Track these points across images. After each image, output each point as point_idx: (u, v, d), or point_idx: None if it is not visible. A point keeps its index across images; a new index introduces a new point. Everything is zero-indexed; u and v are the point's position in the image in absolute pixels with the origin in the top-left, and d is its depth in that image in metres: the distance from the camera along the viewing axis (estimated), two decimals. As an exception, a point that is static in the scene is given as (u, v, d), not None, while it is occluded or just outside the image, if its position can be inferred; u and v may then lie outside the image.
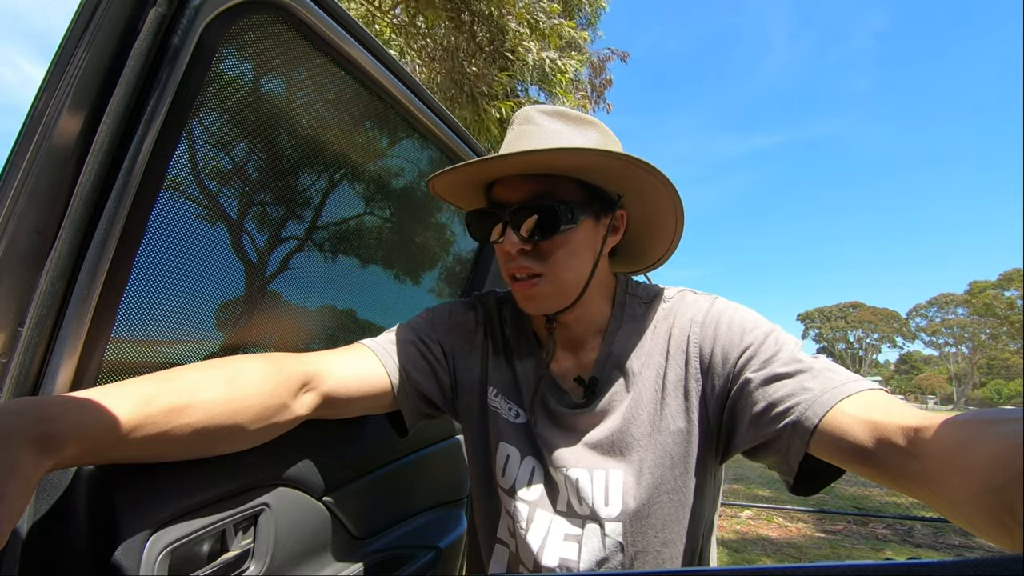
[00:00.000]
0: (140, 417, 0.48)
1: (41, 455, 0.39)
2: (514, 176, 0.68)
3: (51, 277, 0.51)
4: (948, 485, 0.42)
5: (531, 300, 0.70)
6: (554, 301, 0.71)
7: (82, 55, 0.50)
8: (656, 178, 0.67)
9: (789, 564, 0.38)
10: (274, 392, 0.61)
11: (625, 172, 0.66)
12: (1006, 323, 50.17)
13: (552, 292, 0.69)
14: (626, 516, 0.69)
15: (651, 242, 0.81)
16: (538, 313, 0.73)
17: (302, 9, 0.68)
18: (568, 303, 0.71)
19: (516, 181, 0.68)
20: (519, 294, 0.71)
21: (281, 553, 0.68)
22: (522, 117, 0.73)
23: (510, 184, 0.69)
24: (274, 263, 0.84)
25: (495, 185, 0.72)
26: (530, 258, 0.68)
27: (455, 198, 0.79)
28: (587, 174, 0.67)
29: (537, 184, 0.67)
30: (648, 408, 0.71)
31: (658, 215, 0.75)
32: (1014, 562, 0.22)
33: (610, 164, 0.64)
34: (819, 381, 0.59)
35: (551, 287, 0.69)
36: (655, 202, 0.73)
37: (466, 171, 0.67)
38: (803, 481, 0.61)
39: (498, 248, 0.72)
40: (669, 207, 0.73)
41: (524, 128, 0.71)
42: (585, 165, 0.65)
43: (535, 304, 0.71)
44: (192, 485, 0.59)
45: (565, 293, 0.70)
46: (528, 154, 0.61)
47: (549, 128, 0.71)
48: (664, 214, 0.74)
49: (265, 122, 0.75)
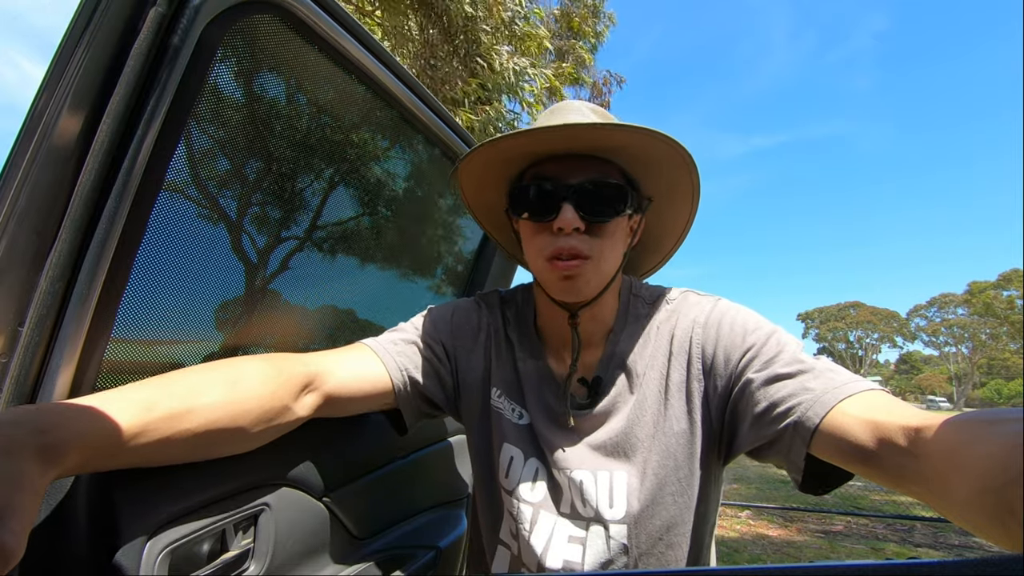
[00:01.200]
0: (141, 424, 0.48)
1: (45, 465, 0.39)
2: (568, 156, 0.67)
3: (51, 277, 0.51)
4: (948, 485, 0.42)
5: (572, 283, 0.68)
6: (590, 287, 0.70)
7: (82, 55, 0.50)
8: (692, 182, 0.70)
9: (789, 564, 0.37)
10: (275, 394, 0.61)
11: (675, 170, 0.68)
12: (1006, 323, 50.19)
13: (592, 277, 0.69)
14: (631, 518, 0.68)
15: (647, 256, 0.85)
16: (575, 299, 0.70)
17: (302, 9, 0.68)
18: (598, 293, 0.71)
19: (571, 160, 0.67)
20: (558, 274, 0.68)
21: (281, 553, 0.68)
22: (564, 106, 0.74)
23: (564, 162, 0.68)
24: (274, 263, 0.84)
25: (538, 164, 0.70)
26: (581, 239, 0.67)
27: (477, 186, 0.78)
28: (640, 165, 0.69)
29: (595, 166, 0.67)
30: (652, 409, 0.71)
31: (665, 232, 0.79)
32: (1014, 562, 0.22)
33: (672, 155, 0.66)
34: (820, 381, 0.59)
35: (593, 272, 0.68)
36: (670, 212, 0.76)
37: (525, 139, 0.65)
38: (812, 480, 0.60)
39: (537, 228, 0.69)
40: (683, 219, 0.76)
41: (568, 114, 0.71)
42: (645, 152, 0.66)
43: (575, 288, 0.68)
44: (192, 485, 0.59)
45: (601, 281, 0.70)
46: (613, 127, 0.60)
47: (593, 119, 0.70)
48: (672, 230, 0.78)
49: (265, 122, 0.75)
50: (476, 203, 0.83)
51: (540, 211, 0.68)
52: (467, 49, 5.86)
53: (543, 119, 0.73)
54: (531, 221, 0.69)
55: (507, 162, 0.72)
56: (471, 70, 5.98)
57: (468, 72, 5.98)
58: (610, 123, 0.61)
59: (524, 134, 0.64)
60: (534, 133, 0.63)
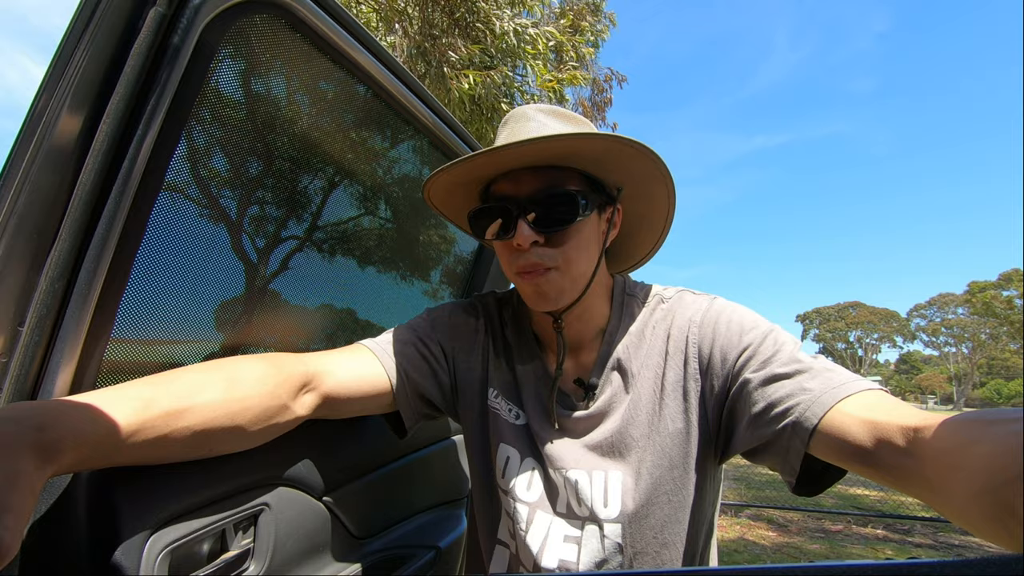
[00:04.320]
0: (139, 421, 0.48)
1: (42, 463, 0.39)
2: (520, 169, 0.68)
3: (51, 277, 0.51)
4: (948, 485, 0.42)
5: (543, 294, 0.69)
6: (565, 295, 0.70)
7: (82, 55, 0.50)
8: (659, 169, 0.69)
9: (789, 564, 0.37)
10: (274, 393, 0.61)
11: (633, 161, 0.67)
12: (1006, 323, 50.17)
13: (564, 285, 0.69)
14: (625, 517, 0.68)
15: (639, 240, 0.83)
16: (548, 309, 0.71)
17: (302, 9, 0.68)
18: (575, 298, 0.71)
19: (523, 174, 0.67)
20: (529, 287, 0.69)
21: (281, 553, 0.68)
22: (518, 115, 0.73)
23: (516, 178, 0.68)
24: (274, 263, 0.84)
25: (495, 182, 0.71)
26: (542, 252, 0.67)
27: (449, 204, 0.79)
28: (594, 164, 0.68)
29: (546, 176, 0.67)
30: (647, 409, 0.71)
31: (652, 210, 0.77)
32: (1014, 562, 0.22)
33: (622, 150, 0.65)
34: (818, 381, 0.59)
35: (563, 280, 0.68)
36: (649, 198, 0.74)
37: (469, 165, 0.66)
38: (805, 482, 0.60)
39: (502, 246, 0.71)
40: (663, 199, 0.74)
41: (521, 125, 0.71)
42: (595, 152, 0.65)
43: (546, 299, 0.69)
44: (192, 485, 0.59)
45: (575, 287, 0.70)
46: (548, 139, 0.60)
47: (548, 124, 0.70)
48: (658, 208, 0.76)
49: (265, 121, 0.75)
50: (457, 220, 0.83)
51: (500, 230, 0.69)
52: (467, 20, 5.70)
53: (501, 132, 0.74)
54: (495, 240, 0.70)
55: (469, 183, 0.73)
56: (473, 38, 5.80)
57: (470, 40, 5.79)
58: (543, 136, 0.60)
59: (464, 162, 0.65)
60: (473, 160, 0.65)
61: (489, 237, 0.70)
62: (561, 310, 0.72)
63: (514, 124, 0.72)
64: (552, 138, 0.60)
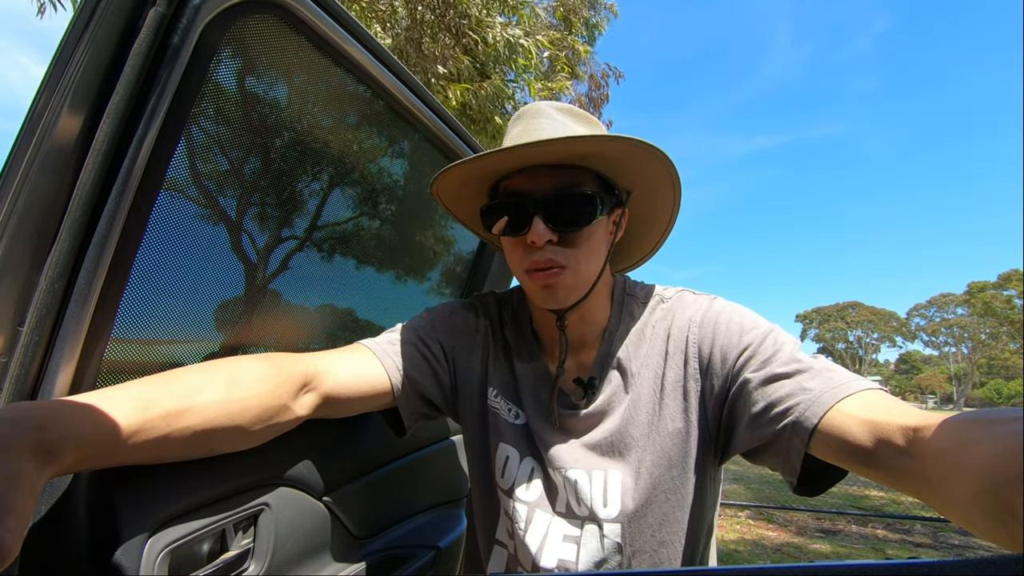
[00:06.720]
0: (139, 421, 0.48)
1: (42, 463, 0.39)
2: (538, 166, 0.67)
3: (51, 277, 0.51)
4: (948, 485, 0.42)
5: (552, 292, 0.69)
6: (572, 294, 0.70)
7: (82, 55, 0.50)
8: (671, 175, 0.69)
9: (789, 564, 0.37)
10: (274, 393, 0.61)
11: (648, 165, 0.67)
12: (1006, 323, 50.17)
13: (573, 284, 0.69)
14: (625, 517, 0.68)
15: (641, 240, 0.84)
16: (556, 306, 0.71)
17: (302, 8, 0.68)
18: (581, 297, 0.71)
19: (541, 171, 0.67)
20: (538, 285, 0.69)
21: (281, 553, 0.68)
22: (532, 110, 0.73)
23: (534, 174, 0.68)
24: (274, 263, 0.84)
25: (508, 178, 0.70)
26: (554, 250, 0.67)
27: (458, 199, 0.78)
28: (610, 166, 0.68)
29: (565, 175, 0.67)
30: (646, 409, 0.71)
31: (656, 213, 0.77)
32: (1014, 562, 0.22)
33: (641, 154, 0.65)
34: (818, 381, 0.59)
35: (573, 279, 0.68)
36: (656, 201, 0.74)
37: (491, 159, 0.65)
38: (806, 482, 0.60)
39: (513, 242, 0.70)
40: (669, 203, 0.74)
41: (536, 121, 0.71)
42: (614, 154, 0.65)
43: (555, 297, 0.69)
44: (192, 485, 0.59)
45: (582, 287, 0.70)
46: (573, 139, 0.60)
47: (565, 123, 0.70)
48: (662, 211, 0.76)
49: (265, 121, 0.75)
50: (462, 215, 0.83)
51: (512, 226, 0.68)
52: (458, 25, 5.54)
53: (512, 127, 0.74)
54: (506, 236, 0.70)
55: (480, 178, 0.73)
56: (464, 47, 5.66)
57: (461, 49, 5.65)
58: (571, 136, 0.60)
59: (483, 157, 0.65)
60: (491, 156, 0.64)
61: (499, 232, 0.70)
62: (566, 309, 0.72)
63: (528, 120, 0.72)
64: (579, 138, 0.60)
